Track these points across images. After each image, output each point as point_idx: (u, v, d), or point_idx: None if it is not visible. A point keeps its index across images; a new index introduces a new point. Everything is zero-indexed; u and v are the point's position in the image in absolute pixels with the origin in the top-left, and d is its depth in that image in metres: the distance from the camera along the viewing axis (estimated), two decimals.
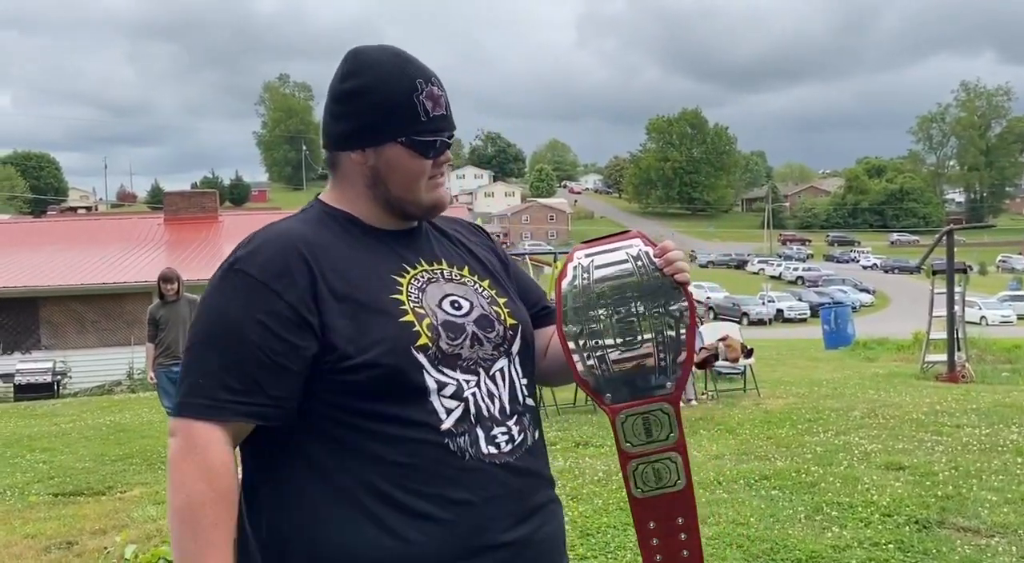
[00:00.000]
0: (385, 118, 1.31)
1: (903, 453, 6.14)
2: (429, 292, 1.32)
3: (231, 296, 1.24)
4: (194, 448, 1.19)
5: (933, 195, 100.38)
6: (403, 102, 1.31)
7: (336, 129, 1.35)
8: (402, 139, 1.32)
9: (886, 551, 4.04)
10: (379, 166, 1.33)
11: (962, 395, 9.11)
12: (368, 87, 1.32)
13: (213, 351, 1.22)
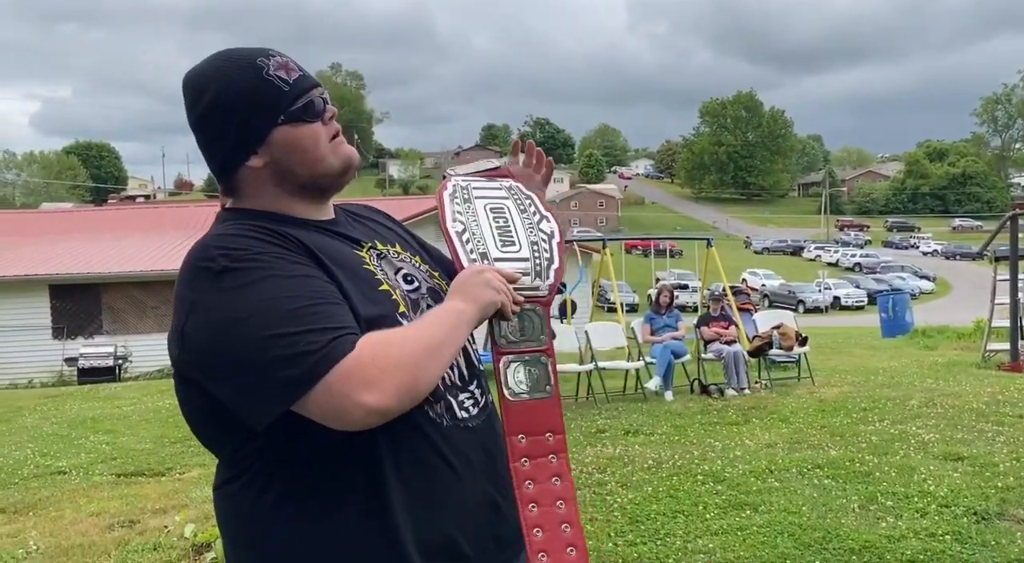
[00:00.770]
0: (253, 112, 1.25)
1: (962, 443, 5.99)
2: (384, 267, 1.33)
3: (249, 283, 1.13)
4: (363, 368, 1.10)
5: (998, 179, 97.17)
6: (257, 87, 1.24)
7: (218, 154, 1.29)
8: (280, 119, 1.25)
9: (943, 542, 3.96)
10: (276, 157, 1.26)
11: None
12: (217, 97, 1.25)
13: (280, 326, 1.10)
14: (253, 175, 1.28)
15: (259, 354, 1.09)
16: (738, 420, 7.49)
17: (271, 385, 1.09)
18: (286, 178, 1.28)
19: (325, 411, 1.10)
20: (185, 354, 1.17)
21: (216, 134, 1.28)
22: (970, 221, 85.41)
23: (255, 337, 1.09)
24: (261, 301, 1.11)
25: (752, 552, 3.93)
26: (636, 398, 9.26)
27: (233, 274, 1.13)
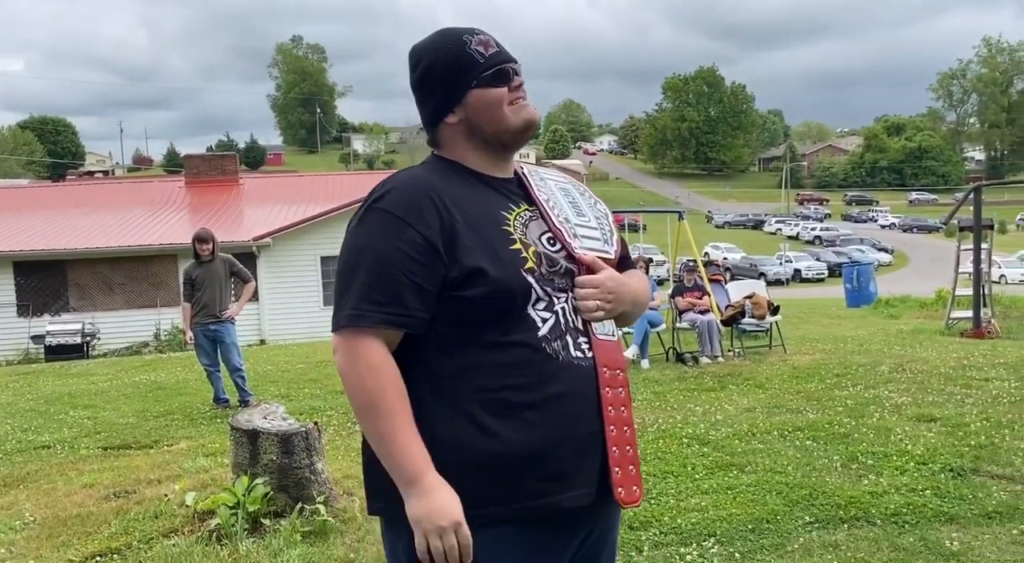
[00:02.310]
0: (454, 79, 1.56)
1: (934, 406, 6.22)
2: (531, 227, 1.59)
3: (374, 229, 1.49)
4: (356, 354, 1.45)
5: (953, 153, 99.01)
6: (460, 57, 1.56)
7: (426, 111, 1.61)
8: (474, 83, 1.56)
9: (923, 496, 4.15)
10: (469, 116, 1.57)
11: (989, 350, 9.15)
12: (429, 66, 1.58)
13: (358, 273, 1.47)
14: (450, 130, 1.60)
15: (342, 283, 1.49)
16: (715, 386, 7.67)
17: (339, 308, 1.49)
18: (475, 133, 1.59)
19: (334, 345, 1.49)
20: None
21: (426, 95, 1.60)
22: (926, 195, 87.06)
23: (349, 268, 1.49)
24: (359, 242, 1.49)
25: (744, 509, 4.08)
26: None
27: (366, 213, 1.51)
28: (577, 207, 1.69)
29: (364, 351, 1.45)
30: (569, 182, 1.77)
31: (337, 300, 1.49)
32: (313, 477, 4.15)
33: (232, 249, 18.28)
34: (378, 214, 1.49)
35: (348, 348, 1.46)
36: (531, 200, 1.64)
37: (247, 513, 3.92)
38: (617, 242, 1.71)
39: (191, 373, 10.29)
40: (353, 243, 1.50)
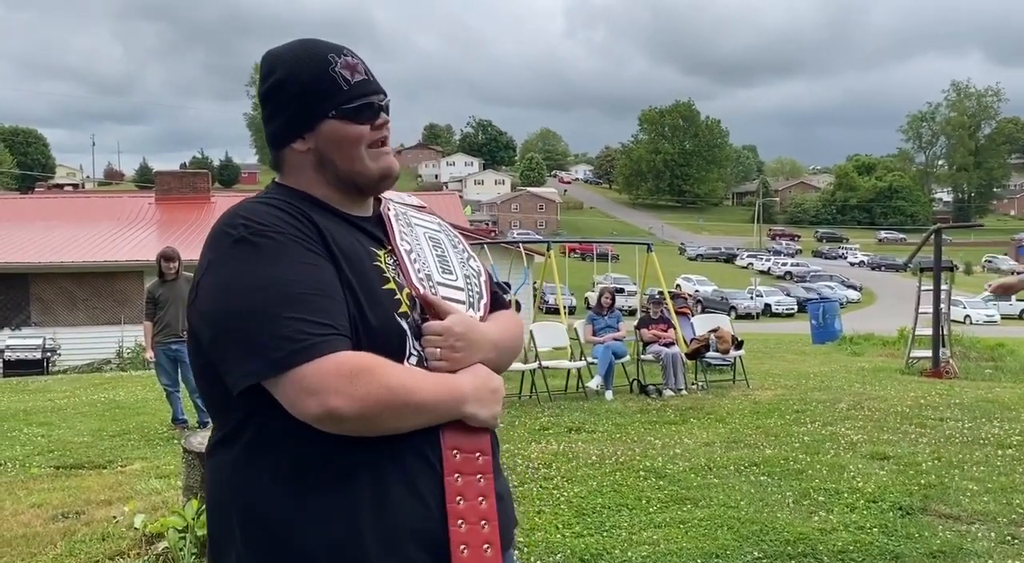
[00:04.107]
0: (309, 100, 1.34)
1: (888, 444, 6.30)
2: (398, 268, 1.38)
3: (260, 258, 1.21)
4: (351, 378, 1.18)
5: (921, 194, 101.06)
6: (321, 79, 1.33)
7: (271, 129, 1.39)
8: (332, 113, 1.34)
9: (871, 534, 4.20)
10: (320, 146, 1.35)
11: (946, 390, 9.30)
12: (284, 79, 1.35)
13: (278, 303, 1.18)
14: (297, 156, 1.38)
15: (251, 326, 1.18)
16: (676, 419, 7.72)
17: (249, 357, 1.17)
18: (325, 167, 1.36)
19: (286, 398, 1.18)
20: (196, 305, 1.27)
21: (274, 111, 1.38)
22: (895, 233, 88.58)
23: (251, 309, 1.18)
24: (266, 278, 1.20)
25: (694, 543, 4.11)
26: (578, 397, 9.44)
27: (249, 245, 1.22)
28: (445, 262, 1.44)
29: (351, 368, 1.18)
30: (442, 230, 1.53)
31: (253, 340, 1.18)
32: None
33: None
34: (258, 243, 1.22)
35: (318, 383, 1.17)
36: (386, 238, 1.41)
37: (196, 537, 3.87)
38: (485, 307, 1.45)
39: (151, 392, 10.17)
40: (240, 279, 1.21)
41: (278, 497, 1.23)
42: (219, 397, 1.27)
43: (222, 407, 1.29)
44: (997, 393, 8.98)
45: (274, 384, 1.18)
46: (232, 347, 1.19)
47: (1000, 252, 76.60)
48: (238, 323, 1.19)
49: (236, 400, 1.22)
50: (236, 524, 1.25)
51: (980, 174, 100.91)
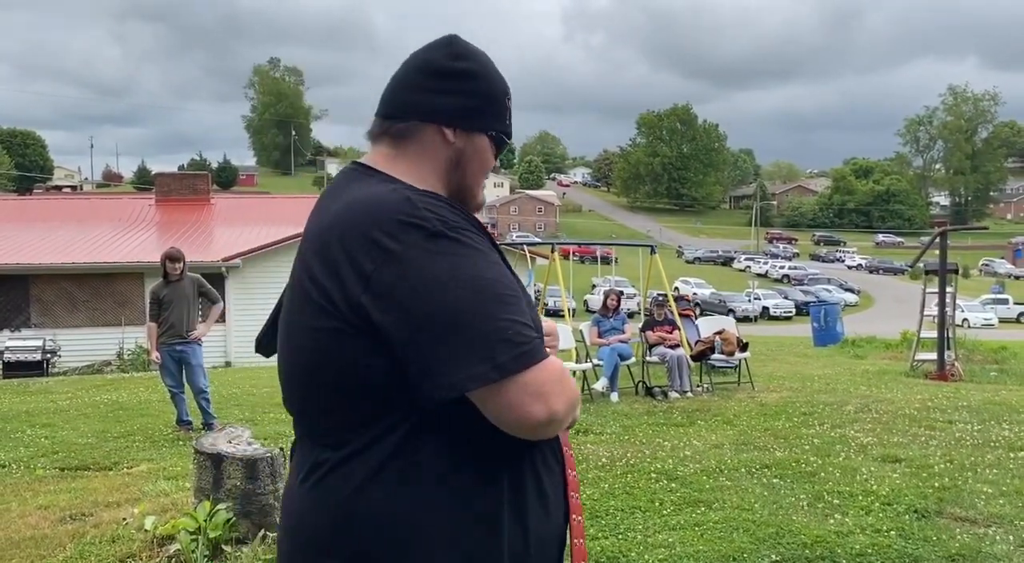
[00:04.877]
0: (488, 108, 1.36)
1: (898, 446, 6.27)
2: None
3: (464, 255, 1.15)
4: (561, 386, 1.15)
5: (919, 198, 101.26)
6: (501, 100, 1.38)
7: (436, 102, 1.33)
8: (492, 133, 1.37)
9: (888, 537, 4.17)
10: (465, 150, 1.34)
11: (952, 393, 9.28)
12: (479, 74, 1.36)
13: (497, 303, 1.13)
14: (436, 142, 1.34)
15: (482, 324, 1.10)
16: (684, 421, 7.68)
17: (471, 360, 1.09)
18: (456, 171, 1.36)
19: (505, 402, 1.11)
20: (374, 300, 1.13)
21: (450, 90, 1.34)
22: (892, 237, 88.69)
23: (470, 309, 1.11)
24: (477, 277, 1.14)
25: (711, 546, 4.07)
26: (584, 398, 9.37)
27: (448, 241, 1.15)
28: None
29: (560, 371, 1.17)
30: None
31: (467, 345, 1.11)
32: (277, 504, 4.07)
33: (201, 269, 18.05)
34: (461, 239, 1.17)
35: (544, 386, 1.13)
36: None
37: (208, 539, 3.84)
38: None
39: (154, 393, 10.11)
40: (458, 273, 1.14)
41: (434, 507, 1.18)
42: (367, 403, 1.18)
43: (368, 415, 1.18)
44: (1004, 396, 8.96)
45: (490, 391, 1.11)
46: (447, 349, 1.10)
47: (997, 255, 76.72)
48: (456, 323, 1.11)
49: (394, 407, 1.16)
50: (389, 538, 1.17)
51: (977, 178, 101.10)
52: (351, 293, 1.14)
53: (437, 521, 1.18)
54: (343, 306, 1.15)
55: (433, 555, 1.18)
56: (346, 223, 1.18)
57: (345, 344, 1.16)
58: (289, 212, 24.95)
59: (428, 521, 1.18)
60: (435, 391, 1.11)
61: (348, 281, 1.15)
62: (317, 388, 1.22)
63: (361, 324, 1.15)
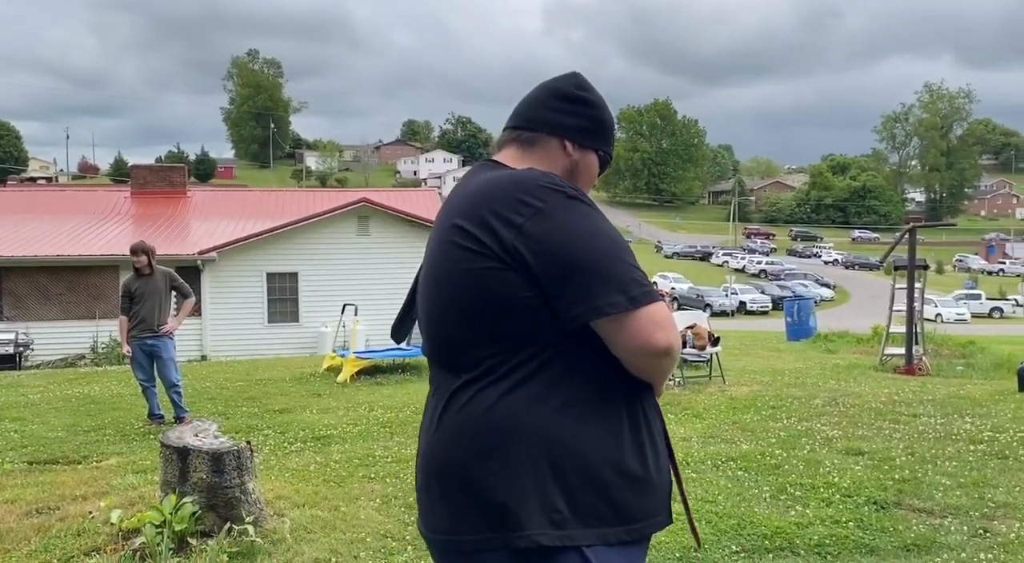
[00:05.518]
0: (600, 131, 1.69)
1: (862, 439, 6.38)
2: None
3: (595, 215, 1.46)
4: (669, 322, 1.44)
5: (894, 194, 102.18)
6: (610, 128, 1.72)
7: (562, 120, 1.65)
8: (601, 152, 1.70)
9: (846, 528, 4.26)
10: (580, 162, 1.66)
11: (919, 387, 9.42)
12: (599, 104, 1.70)
13: (625, 253, 1.43)
14: (558, 152, 1.65)
15: (617, 265, 1.40)
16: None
17: (612, 292, 1.38)
18: (566, 176, 1.61)
19: (635, 329, 1.39)
20: (527, 243, 1.39)
21: (574, 113, 1.67)
22: (868, 233, 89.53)
23: (612, 255, 1.41)
24: (608, 231, 1.45)
25: (673, 538, 4.14)
26: None
27: (582, 203, 1.46)
28: None
29: (671, 317, 1.46)
30: None
31: (620, 272, 1.41)
32: (243, 497, 4.10)
33: (176, 263, 17.99)
34: (588, 203, 1.48)
35: (664, 320, 1.43)
36: None
37: (173, 532, 3.85)
38: None
39: (126, 387, 10.07)
40: (594, 224, 1.44)
41: (567, 425, 1.42)
42: (513, 332, 1.42)
43: (516, 345, 1.43)
44: (968, 390, 9.11)
45: (625, 317, 1.38)
46: (594, 283, 1.38)
47: (971, 251, 77.73)
48: (600, 264, 1.39)
49: (547, 339, 1.42)
50: (526, 448, 1.40)
51: (952, 175, 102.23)
52: (504, 238, 1.41)
53: (575, 436, 1.42)
54: (497, 248, 1.41)
55: (565, 460, 1.41)
56: (491, 191, 1.47)
57: (498, 277, 1.41)
58: (266, 205, 24.83)
59: (560, 434, 1.41)
60: (584, 314, 1.39)
61: (500, 230, 1.42)
62: (472, 320, 1.45)
63: (513, 263, 1.41)
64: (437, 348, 1.54)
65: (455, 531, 1.45)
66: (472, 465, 1.42)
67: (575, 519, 1.39)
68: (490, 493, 1.40)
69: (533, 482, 1.39)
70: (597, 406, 1.44)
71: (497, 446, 1.41)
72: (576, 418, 1.42)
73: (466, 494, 1.43)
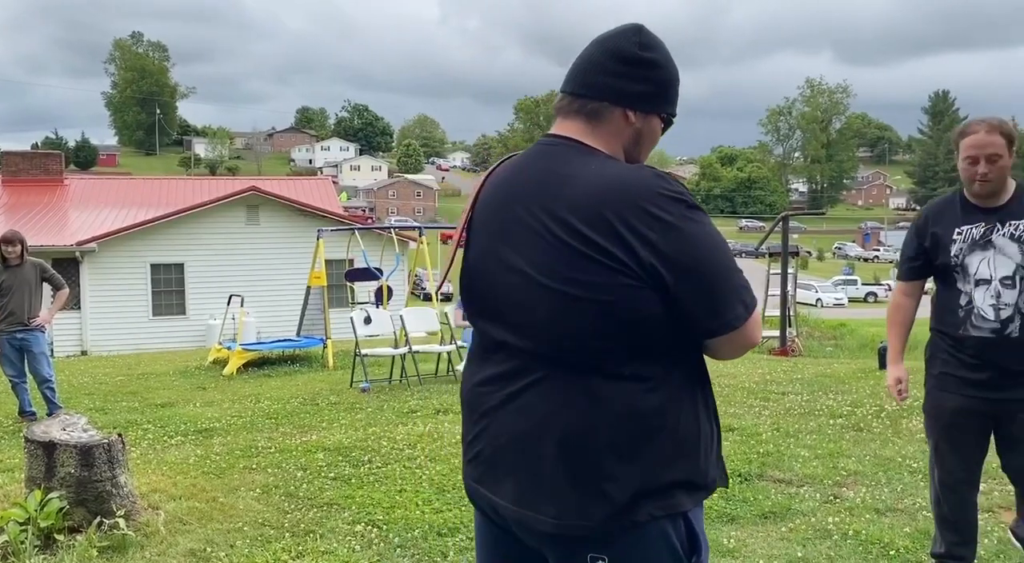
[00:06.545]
0: (666, 94, 1.61)
1: (734, 417, 6.72)
2: None
3: (710, 225, 1.51)
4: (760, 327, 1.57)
5: (779, 184, 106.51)
6: (676, 86, 1.63)
7: (625, 87, 1.57)
8: (664, 115, 1.62)
9: (711, 500, 4.50)
10: (643, 130, 1.60)
11: (790, 367, 9.96)
12: (664, 63, 1.60)
13: (733, 260, 1.51)
14: (621, 122, 1.59)
15: (735, 277, 1.47)
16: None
17: (738, 303, 1.47)
18: (635, 148, 1.61)
19: (749, 332, 1.50)
20: (663, 261, 1.42)
21: (637, 77, 1.58)
22: (755, 222, 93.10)
23: (730, 266, 1.48)
24: (721, 240, 1.50)
25: None
26: (447, 380, 9.55)
27: (699, 211, 1.49)
28: None
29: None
30: None
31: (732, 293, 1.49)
32: (115, 491, 4.02)
33: (53, 254, 17.17)
34: (703, 214, 1.52)
35: (759, 317, 1.56)
36: None
37: (39, 529, 3.75)
38: None
39: None
40: (721, 240, 1.52)
41: (693, 416, 1.53)
42: (650, 346, 1.48)
43: (648, 355, 1.48)
44: (835, 368, 9.70)
45: (743, 325, 1.48)
46: (723, 296, 1.46)
47: (849, 239, 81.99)
48: (724, 278, 1.47)
49: (673, 349, 1.50)
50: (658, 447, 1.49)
51: (832, 166, 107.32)
52: (642, 256, 1.43)
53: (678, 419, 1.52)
54: (635, 265, 1.43)
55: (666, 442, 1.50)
56: (612, 196, 1.45)
57: (636, 295, 1.44)
58: (151, 194, 23.91)
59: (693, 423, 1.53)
60: (719, 329, 1.48)
61: (637, 247, 1.43)
62: (600, 330, 1.46)
63: (651, 281, 1.44)
64: (543, 343, 1.51)
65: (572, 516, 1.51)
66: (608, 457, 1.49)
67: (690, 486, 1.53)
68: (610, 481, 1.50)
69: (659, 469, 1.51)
70: (697, 394, 1.57)
71: (631, 443, 1.49)
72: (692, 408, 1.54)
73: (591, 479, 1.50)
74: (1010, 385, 2.98)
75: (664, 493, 1.49)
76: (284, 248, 19.99)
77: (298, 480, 4.99)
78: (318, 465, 5.35)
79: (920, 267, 3.18)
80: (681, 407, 1.52)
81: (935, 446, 3.22)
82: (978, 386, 3.02)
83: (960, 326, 3.04)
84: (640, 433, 1.48)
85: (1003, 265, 2.98)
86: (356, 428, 6.71)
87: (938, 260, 3.08)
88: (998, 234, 2.99)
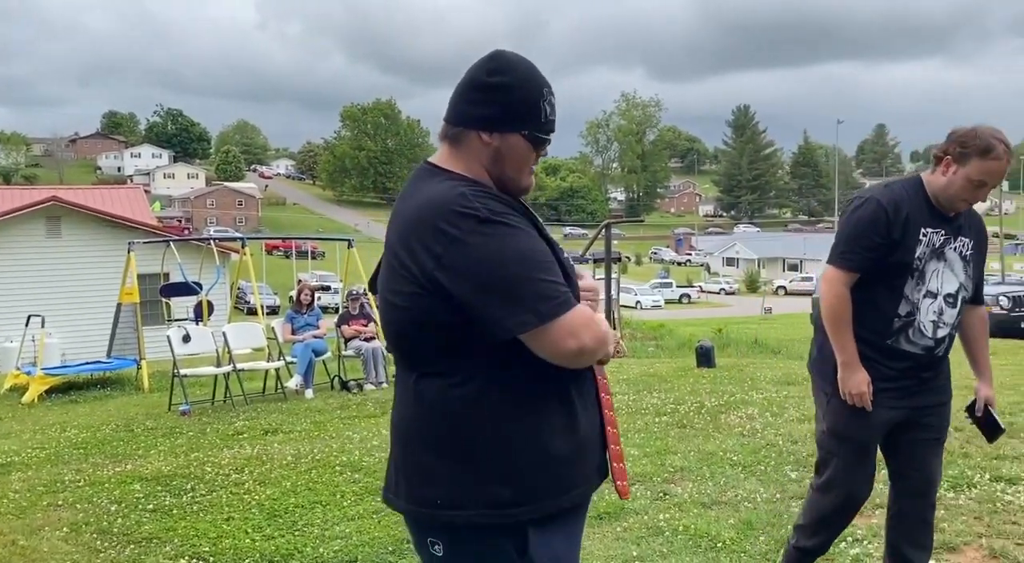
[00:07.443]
0: (518, 113, 1.69)
1: None
2: None
3: (506, 236, 1.55)
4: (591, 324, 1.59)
5: (599, 193, 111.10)
6: (534, 103, 1.70)
7: (475, 112, 1.69)
8: (525, 132, 1.69)
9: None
10: (501, 149, 1.69)
11: (616, 367, 10.32)
12: (511, 85, 1.68)
13: (534, 269, 1.55)
14: (478, 144, 1.69)
15: (525, 286, 1.52)
16: (376, 412, 7.80)
17: (520, 312, 1.51)
18: (495, 165, 1.70)
19: (548, 340, 1.53)
20: (445, 273, 1.53)
21: (487, 102, 1.68)
22: (578, 230, 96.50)
23: (520, 274, 1.53)
24: (518, 250, 1.55)
25: (386, 532, 4.19)
26: (276, 398, 9.19)
27: (494, 224, 1.55)
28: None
29: (588, 317, 1.60)
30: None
31: (517, 302, 1.54)
32: None
33: None
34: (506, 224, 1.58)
35: (576, 326, 1.56)
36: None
37: None
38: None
39: None
40: (502, 249, 1.56)
41: (503, 420, 1.61)
42: (453, 346, 1.59)
43: (454, 355, 1.60)
44: (657, 368, 10.15)
45: (538, 332, 1.52)
46: (505, 306, 1.52)
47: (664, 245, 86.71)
48: (509, 288, 1.52)
49: (478, 349, 1.57)
50: (466, 443, 1.60)
51: (646, 176, 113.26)
52: (426, 268, 1.55)
53: (511, 430, 1.61)
54: (421, 276, 1.56)
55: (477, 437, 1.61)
56: (418, 219, 1.59)
57: (424, 302, 1.58)
58: None
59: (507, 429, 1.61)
60: (500, 334, 1.54)
61: (423, 260, 1.56)
62: (409, 331, 1.64)
63: (435, 289, 1.56)
64: (387, 339, 1.73)
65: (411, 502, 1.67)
66: (425, 448, 1.64)
67: (513, 498, 1.60)
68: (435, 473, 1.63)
69: (473, 468, 1.61)
70: (529, 397, 1.62)
71: (442, 436, 1.61)
72: (511, 409, 1.61)
73: (420, 470, 1.65)
74: (924, 390, 2.85)
75: (484, 491, 1.61)
76: (90, 263, 18.56)
77: (112, 515, 4.61)
78: (134, 497, 4.96)
79: (876, 259, 2.72)
80: (500, 405, 1.61)
81: (849, 463, 2.88)
82: (902, 396, 2.82)
83: (890, 336, 2.77)
84: (448, 427, 1.61)
85: (949, 281, 2.78)
86: (176, 454, 6.30)
87: (895, 257, 2.72)
88: (950, 247, 2.77)
